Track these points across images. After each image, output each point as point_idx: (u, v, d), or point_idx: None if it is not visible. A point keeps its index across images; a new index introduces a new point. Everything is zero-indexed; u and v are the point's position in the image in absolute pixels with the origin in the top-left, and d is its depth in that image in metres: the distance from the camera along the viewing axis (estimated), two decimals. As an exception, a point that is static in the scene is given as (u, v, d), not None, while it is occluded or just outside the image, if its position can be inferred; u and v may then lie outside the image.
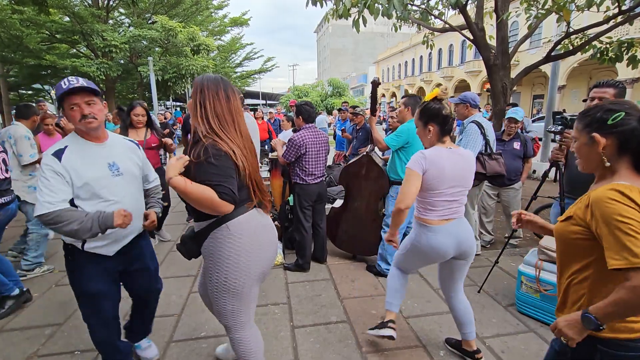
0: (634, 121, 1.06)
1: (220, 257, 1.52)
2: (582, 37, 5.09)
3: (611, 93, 2.25)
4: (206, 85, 1.48)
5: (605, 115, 1.10)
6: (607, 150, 1.10)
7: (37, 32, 13.95)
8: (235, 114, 1.52)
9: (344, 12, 4.19)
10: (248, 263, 1.54)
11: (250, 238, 1.54)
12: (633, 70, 5.09)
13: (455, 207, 1.93)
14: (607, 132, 1.09)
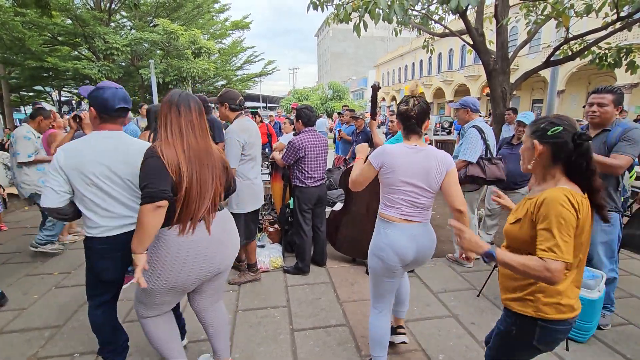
0: (568, 137, 1.24)
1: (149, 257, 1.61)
2: (581, 42, 5.12)
3: (610, 99, 2.29)
4: (166, 102, 1.63)
5: (548, 127, 1.28)
6: (542, 156, 1.30)
7: (39, 34, 14.02)
8: (186, 128, 1.61)
9: (345, 16, 4.23)
10: (162, 271, 1.61)
11: (168, 250, 1.60)
12: (632, 75, 5.11)
13: (418, 209, 1.84)
14: (545, 141, 1.28)
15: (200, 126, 1.66)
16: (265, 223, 4.14)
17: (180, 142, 1.58)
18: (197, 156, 1.61)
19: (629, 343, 2.38)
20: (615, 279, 2.53)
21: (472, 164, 3.23)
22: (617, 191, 2.39)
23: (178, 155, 1.55)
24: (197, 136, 1.64)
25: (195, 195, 1.59)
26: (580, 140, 1.23)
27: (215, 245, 1.71)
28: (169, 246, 1.59)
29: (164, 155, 1.51)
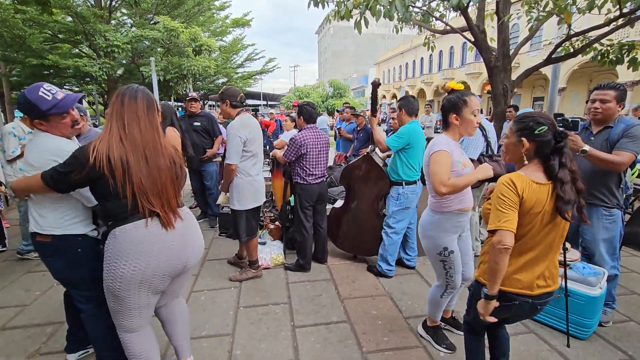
0: (550, 135, 1.43)
1: (106, 257, 1.60)
2: (583, 39, 5.09)
3: (612, 95, 2.28)
4: (115, 93, 1.63)
5: (534, 126, 1.44)
6: (528, 151, 1.48)
7: (39, 31, 13.99)
8: (128, 118, 1.56)
9: (346, 13, 4.21)
10: (122, 269, 1.55)
11: (131, 246, 1.55)
12: (633, 72, 5.09)
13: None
14: (531, 138, 1.46)
15: (148, 120, 1.61)
16: (266, 220, 4.15)
17: (124, 135, 1.55)
18: (139, 150, 1.56)
19: (630, 340, 2.38)
20: (617, 276, 2.52)
21: (473, 161, 3.22)
22: (619, 188, 2.38)
23: (113, 146, 1.51)
24: (141, 130, 1.58)
25: (143, 189, 1.55)
26: (560, 138, 1.42)
27: (179, 240, 1.67)
28: (131, 240, 1.56)
29: (96, 157, 1.47)
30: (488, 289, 1.46)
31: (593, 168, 2.32)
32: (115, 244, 1.56)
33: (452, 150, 1.97)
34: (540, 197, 1.40)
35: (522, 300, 1.49)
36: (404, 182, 3.07)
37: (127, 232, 1.56)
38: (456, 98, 2.00)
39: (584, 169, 2.33)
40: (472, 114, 1.96)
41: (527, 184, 1.41)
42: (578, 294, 2.33)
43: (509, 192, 1.40)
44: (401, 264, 3.45)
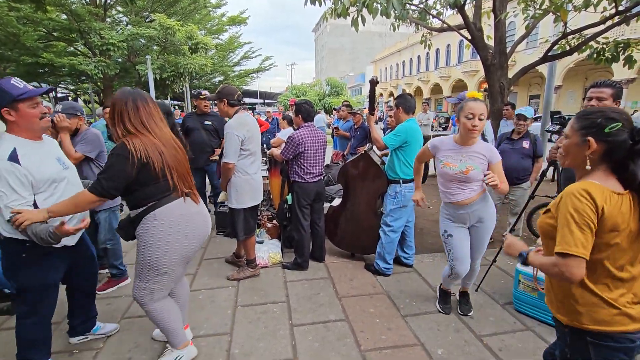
0: (626, 134, 1.12)
1: (146, 238, 1.78)
2: (579, 37, 5.12)
3: (609, 93, 2.27)
4: (117, 99, 1.75)
5: (605, 123, 1.14)
6: (594, 154, 1.17)
7: (34, 29, 13.87)
8: (147, 119, 1.76)
9: (343, 11, 4.20)
10: (168, 244, 1.79)
11: (173, 224, 1.79)
12: (629, 70, 5.12)
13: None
14: (601, 138, 1.15)
15: (159, 116, 1.83)
16: (264, 219, 4.14)
17: (146, 131, 1.74)
18: (166, 140, 1.79)
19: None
20: None
21: None
22: None
23: (145, 140, 1.70)
24: (157, 124, 1.79)
25: (177, 174, 1.79)
26: (639, 138, 1.12)
27: (202, 216, 1.96)
28: (172, 220, 1.79)
29: (135, 148, 1.65)
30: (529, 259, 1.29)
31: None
32: (157, 225, 1.76)
33: (438, 148, 2.34)
34: (624, 210, 1.13)
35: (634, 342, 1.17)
36: (401, 180, 3.08)
37: (167, 212, 1.78)
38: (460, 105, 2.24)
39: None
40: (465, 117, 2.16)
41: (608, 196, 1.12)
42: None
43: (584, 207, 1.10)
44: (399, 262, 3.46)
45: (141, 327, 2.51)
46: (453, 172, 2.24)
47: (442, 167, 2.29)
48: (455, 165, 2.24)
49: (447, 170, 2.26)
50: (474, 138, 2.22)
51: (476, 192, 2.28)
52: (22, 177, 1.64)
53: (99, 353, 2.24)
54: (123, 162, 1.64)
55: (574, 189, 1.14)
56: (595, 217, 1.10)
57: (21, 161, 1.64)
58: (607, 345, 1.17)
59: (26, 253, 1.77)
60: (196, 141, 4.24)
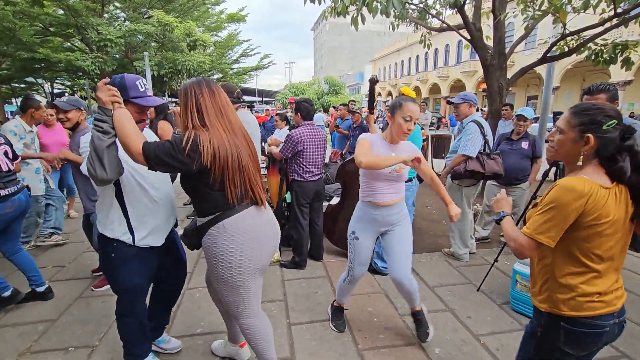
0: (618, 131, 1.18)
1: (216, 252, 1.58)
2: (577, 38, 5.13)
3: (604, 99, 2.25)
4: (191, 84, 1.54)
5: (603, 120, 1.18)
6: (589, 150, 1.22)
7: (30, 24, 13.76)
8: (224, 106, 1.56)
9: (342, 9, 4.19)
10: (242, 259, 1.58)
11: (244, 236, 1.58)
12: (626, 72, 5.14)
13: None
14: (597, 134, 1.19)
15: (229, 105, 1.62)
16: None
17: (221, 123, 1.52)
18: (240, 134, 1.59)
19: (623, 336, 2.39)
20: None
21: (472, 159, 3.24)
22: None
23: (222, 138, 1.48)
24: (233, 113, 1.62)
25: (250, 172, 1.58)
26: (628, 134, 1.18)
27: (272, 224, 1.75)
28: (244, 230, 1.58)
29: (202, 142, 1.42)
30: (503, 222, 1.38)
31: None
32: (227, 237, 1.56)
33: (372, 145, 2.10)
34: (609, 203, 1.18)
35: (610, 324, 1.25)
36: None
37: (238, 222, 1.57)
38: (395, 101, 2.11)
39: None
40: (403, 119, 2.03)
41: (595, 190, 1.16)
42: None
43: (565, 200, 1.16)
44: (396, 262, 3.46)
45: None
46: (387, 171, 2.09)
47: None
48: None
49: (379, 170, 2.09)
50: (403, 141, 2.16)
51: (398, 196, 2.18)
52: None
53: (94, 351, 2.23)
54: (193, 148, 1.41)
55: (563, 182, 1.19)
56: (575, 210, 1.16)
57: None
58: (579, 330, 1.25)
59: (115, 253, 1.73)
60: None
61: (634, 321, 2.60)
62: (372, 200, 2.18)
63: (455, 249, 3.60)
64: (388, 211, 2.19)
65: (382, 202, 2.15)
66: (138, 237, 1.72)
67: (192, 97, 1.51)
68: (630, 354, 2.23)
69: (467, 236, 3.57)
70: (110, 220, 1.69)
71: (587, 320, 1.23)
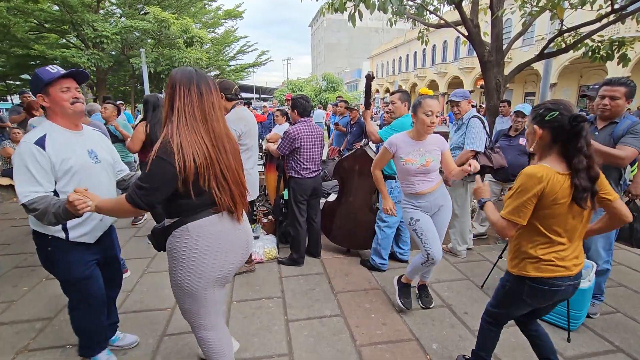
0: (565, 120, 1.40)
1: (176, 255, 1.51)
2: (575, 35, 5.13)
3: (622, 92, 2.24)
4: (182, 79, 1.42)
5: (545, 113, 1.45)
6: (543, 139, 1.48)
7: (25, 20, 13.62)
8: (209, 111, 1.45)
9: (340, 6, 4.17)
10: (202, 266, 1.50)
11: (208, 242, 1.49)
12: (623, 68, 5.15)
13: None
14: (544, 125, 1.46)
15: (220, 107, 1.51)
16: (260, 214, 4.13)
17: (204, 129, 1.42)
18: (221, 142, 1.48)
19: (617, 331, 2.44)
20: (609, 270, 2.56)
21: (480, 154, 3.26)
22: (618, 184, 2.38)
23: (201, 145, 1.39)
24: (219, 119, 1.49)
25: (225, 184, 1.49)
26: (575, 122, 1.37)
27: (244, 233, 1.65)
28: (209, 235, 1.49)
29: (183, 153, 1.34)
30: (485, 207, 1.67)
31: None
32: (190, 241, 1.47)
33: (398, 146, 2.38)
34: (565, 187, 1.41)
35: (566, 285, 1.54)
36: (396, 175, 3.08)
37: (203, 227, 1.48)
38: (415, 100, 2.32)
39: None
40: (424, 114, 2.26)
41: (552, 175, 1.41)
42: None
43: (528, 185, 1.42)
44: (394, 258, 3.47)
45: (135, 322, 2.50)
46: (415, 167, 2.33)
47: (404, 164, 2.35)
48: (415, 160, 2.34)
49: (409, 167, 2.35)
50: (430, 134, 2.36)
51: (436, 182, 2.41)
52: (44, 162, 1.59)
53: (93, 348, 2.22)
54: (166, 172, 1.35)
55: (526, 170, 1.46)
56: (536, 193, 1.41)
57: (47, 147, 1.61)
58: (539, 287, 1.55)
59: (51, 247, 1.75)
60: None
61: (629, 315, 2.62)
62: (414, 192, 2.40)
63: (454, 245, 3.62)
64: (431, 196, 2.41)
65: (422, 191, 2.38)
66: (72, 235, 1.74)
67: (177, 95, 1.42)
68: (625, 349, 2.25)
69: (467, 232, 3.59)
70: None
71: (547, 280, 1.53)
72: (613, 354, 2.22)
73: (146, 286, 3.00)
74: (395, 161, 2.44)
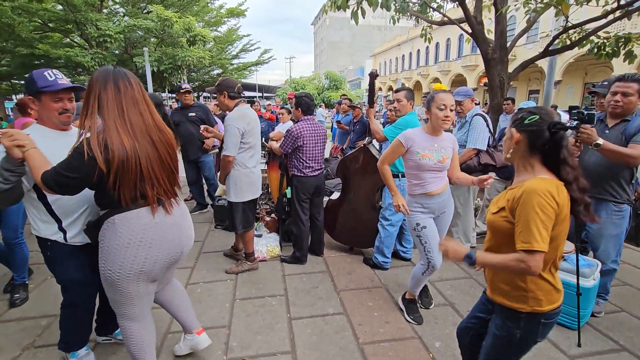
0: (544, 126, 1.27)
1: (102, 246, 1.57)
2: (580, 31, 5.08)
3: (635, 88, 2.19)
4: (94, 79, 1.48)
5: (525, 116, 1.33)
6: (520, 144, 1.33)
7: (29, 20, 13.70)
8: (128, 106, 1.48)
9: (343, 3, 4.16)
10: (123, 259, 1.52)
11: (130, 235, 1.52)
12: (629, 65, 5.10)
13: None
14: (522, 129, 1.32)
15: (145, 101, 1.55)
16: (263, 212, 4.14)
17: (121, 122, 1.45)
18: (143, 133, 1.50)
19: (621, 330, 2.42)
20: (615, 270, 2.53)
21: (483, 152, 3.25)
22: (629, 184, 2.32)
23: (121, 138, 1.43)
24: (142, 112, 1.52)
25: (151, 175, 1.51)
26: (555, 129, 1.26)
27: (177, 228, 1.67)
28: (132, 229, 1.52)
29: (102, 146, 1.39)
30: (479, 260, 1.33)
31: (605, 162, 2.24)
32: (114, 233, 1.52)
33: (413, 140, 2.27)
34: (567, 199, 1.26)
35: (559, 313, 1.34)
36: (400, 174, 3.07)
37: (129, 220, 1.52)
38: (428, 96, 2.28)
39: (596, 162, 2.30)
40: (437, 108, 2.19)
41: (560, 188, 1.25)
42: (572, 285, 2.35)
43: (546, 206, 1.19)
44: (397, 256, 3.47)
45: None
46: (432, 162, 2.25)
47: (420, 159, 2.24)
48: (432, 155, 2.26)
49: (426, 162, 2.24)
50: (445, 128, 2.30)
51: (445, 182, 2.36)
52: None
53: (97, 345, 2.25)
54: (79, 162, 1.39)
55: (535, 187, 1.21)
56: (555, 212, 1.20)
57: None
58: (538, 321, 1.31)
59: (50, 251, 1.81)
60: (183, 135, 4.28)
61: (634, 314, 2.60)
62: (424, 192, 2.31)
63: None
64: (440, 198, 2.34)
65: (433, 191, 2.30)
66: (69, 235, 1.78)
67: (95, 92, 1.46)
68: (630, 347, 2.24)
69: (471, 231, 3.58)
70: (42, 221, 1.76)
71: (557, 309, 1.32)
72: (617, 352, 2.21)
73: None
74: (408, 157, 2.30)
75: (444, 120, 2.20)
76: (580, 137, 2.19)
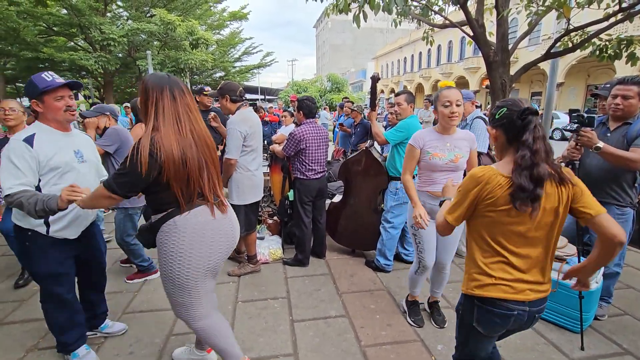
0: (514, 116, 1.28)
1: (166, 249, 1.60)
2: (582, 34, 5.08)
3: (636, 91, 2.19)
4: (153, 85, 1.55)
5: (494, 112, 1.36)
6: (498, 140, 1.37)
7: (34, 24, 13.84)
8: (183, 112, 1.58)
9: (344, 7, 4.18)
10: (191, 257, 1.60)
11: (195, 233, 1.60)
12: (632, 67, 5.09)
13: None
14: (495, 125, 1.36)
15: (196, 109, 1.65)
16: (265, 215, 4.15)
17: (178, 128, 1.54)
18: (196, 138, 1.60)
19: (625, 333, 2.41)
20: (619, 273, 2.52)
21: (483, 155, 3.25)
22: (632, 187, 2.31)
23: (173, 141, 1.50)
24: (192, 121, 1.61)
25: (204, 176, 1.61)
26: (524, 115, 1.26)
27: (231, 223, 1.77)
28: (195, 227, 1.60)
29: (158, 147, 1.46)
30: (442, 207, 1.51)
31: (606, 165, 2.24)
32: (178, 234, 1.57)
33: (423, 139, 2.23)
34: (508, 191, 1.26)
35: (520, 310, 1.32)
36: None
37: (189, 219, 1.59)
38: (434, 95, 2.24)
39: (598, 165, 2.30)
40: (443, 105, 2.15)
41: (493, 177, 1.27)
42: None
43: (466, 185, 1.33)
44: (399, 259, 3.47)
45: (142, 322, 2.52)
46: (443, 162, 2.19)
47: (431, 159, 2.20)
48: (444, 155, 2.19)
49: (436, 161, 2.19)
50: (454, 125, 2.20)
51: (459, 183, 2.27)
52: (30, 159, 1.70)
53: (100, 347, 2.26)
54: (144, 163, 1.46)
55: (471, 171, 1.35)
56: (473, 195, 1.30)
57: (35, 145, 1.72)
58: (487, 308, 1.34)
59: (29, 242, 1.83)
60: None
61: (637, 318, 2.59)
62: (431, 191, 2.26)
63: (459, 246, 3.60)
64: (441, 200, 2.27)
65: (438, 191, 2.20)
66: (53, 229, 1.82)
67: (152, 99, 1.54)
68: (633, 351, 2.23)
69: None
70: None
71: (495, 301, 1.32)
72: (621, 356, 2.20)
73: (153, 286, 3.02)
74: (420, 157, 2.26)
75: (450, 117, 2.13)
76: (580, 140, 2.19)
